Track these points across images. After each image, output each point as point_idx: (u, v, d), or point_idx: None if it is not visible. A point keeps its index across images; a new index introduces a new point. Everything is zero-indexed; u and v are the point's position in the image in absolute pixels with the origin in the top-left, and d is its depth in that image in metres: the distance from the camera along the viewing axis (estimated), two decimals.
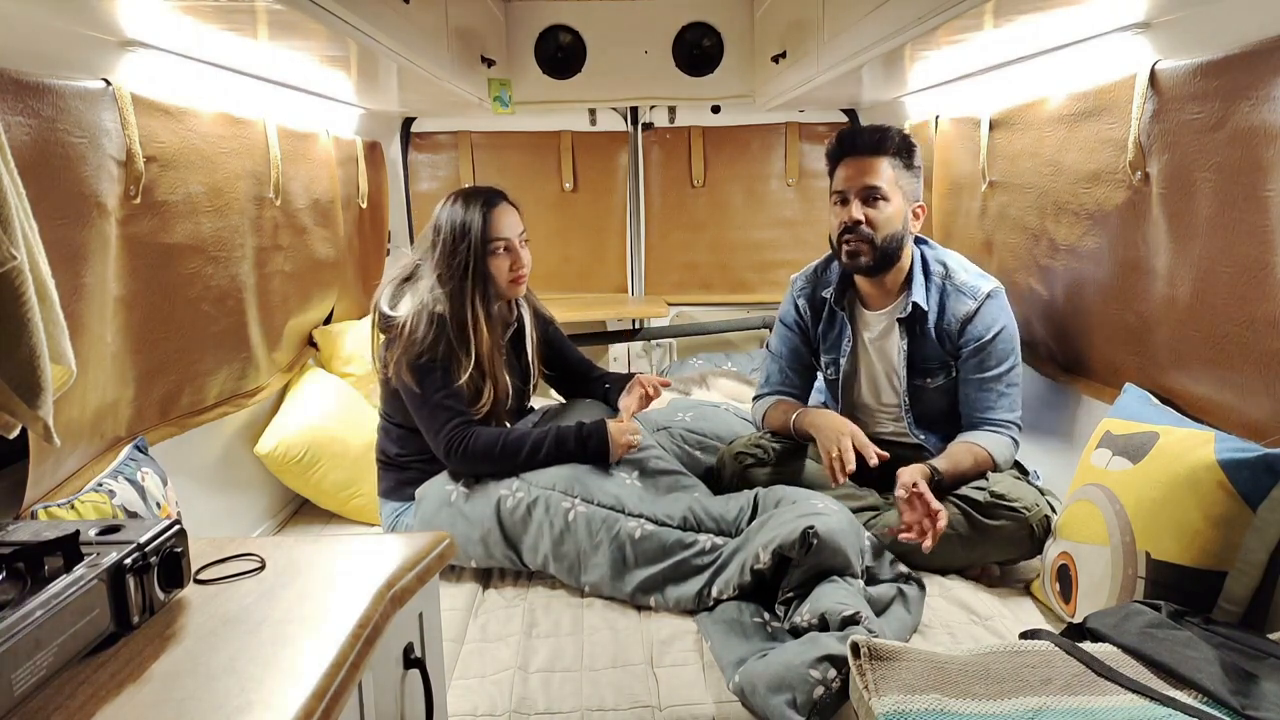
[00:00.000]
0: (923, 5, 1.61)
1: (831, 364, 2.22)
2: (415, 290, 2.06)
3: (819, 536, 1.65)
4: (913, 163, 2.04)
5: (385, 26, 1.81)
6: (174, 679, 0.84)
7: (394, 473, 2.16)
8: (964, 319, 2.03)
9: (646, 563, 1.82)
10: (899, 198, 2.01)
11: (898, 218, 2.01)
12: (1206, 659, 1.26)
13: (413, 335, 1.99)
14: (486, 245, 2.04)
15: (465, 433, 1.97)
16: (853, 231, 2.00)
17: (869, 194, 2.00)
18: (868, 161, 2.00)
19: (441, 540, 1.18)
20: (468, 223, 2.04)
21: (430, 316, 2.00)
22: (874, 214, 1.99)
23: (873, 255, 2.01)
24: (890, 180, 2.00)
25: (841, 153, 2.05)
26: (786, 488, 1.95)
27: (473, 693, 1.55)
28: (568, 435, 2.00)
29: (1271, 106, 1.36)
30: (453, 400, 2.00)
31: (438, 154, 3.66)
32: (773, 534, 1.71)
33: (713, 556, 1.80)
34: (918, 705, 1.22)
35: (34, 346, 1.06)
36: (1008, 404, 2.03)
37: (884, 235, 2.00)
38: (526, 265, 2.12)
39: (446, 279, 2.03)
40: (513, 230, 2.09)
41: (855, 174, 2.01)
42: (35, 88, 1.36)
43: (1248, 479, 1.41)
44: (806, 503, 1.79)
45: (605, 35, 3.34)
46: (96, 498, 1.48)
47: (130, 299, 1.70)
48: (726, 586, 1.75)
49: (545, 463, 1.98)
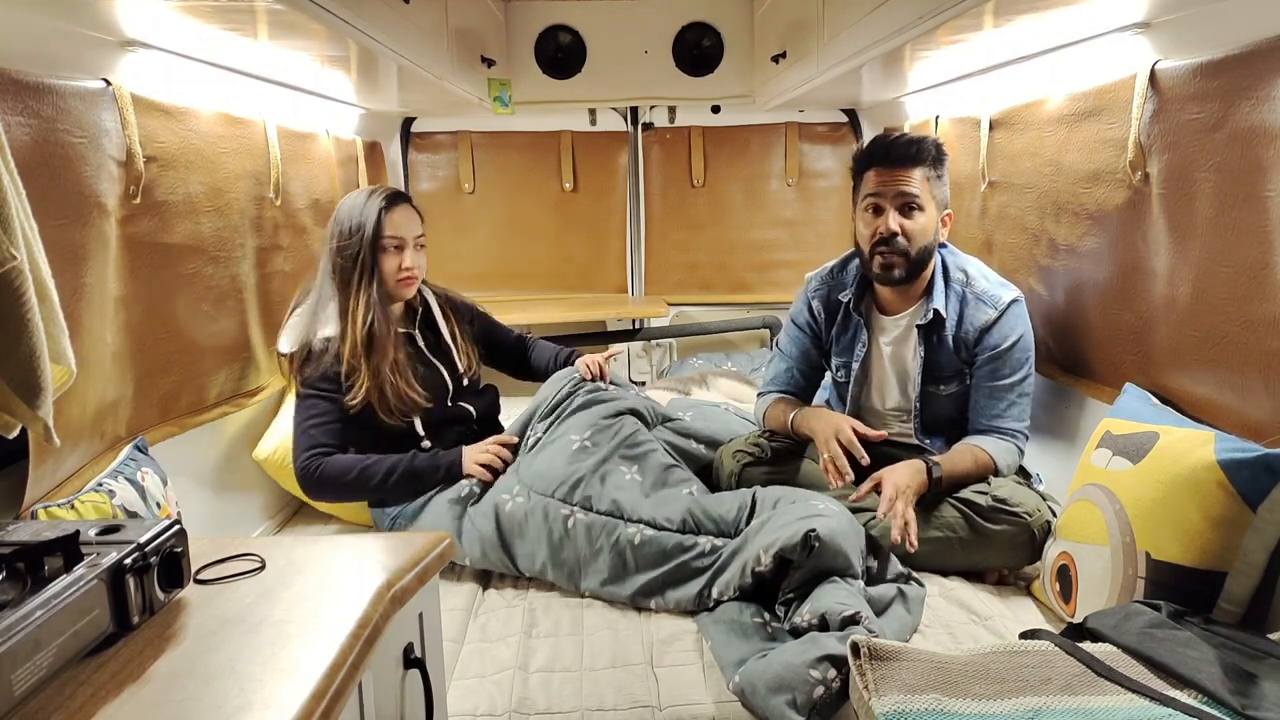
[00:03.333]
0: (923, 5, 1.61)
1: (842, 367, 2.21)
2: (301, 314, 2.14)
3: (821, 539, 1.65)
4: (944, 171, 2.02)
5: (385, 26, 1.81)
6: (174, 679, 0.84)
7: None
8: (983, 328, 2.01)
9: (647, 567, 1.82)
10: (933, 207, 1.99)
11: (931, 228, 1.99)
12: (1206, 659, 1.26)
13: (299, 369, 2.08)
14: (378, 241, 2.08)
15: (316, 462, 2.02)
16: (888, 243, 1.97)
17: (905, 203, 1.97)
18: (902, 171, 1.97)
19: (441, 540, 1.18)
20: (363, 218, 2.08)
21: (305, 347, 2.08)
22: (910, 225, 1.97)
23: (906, 268, 1.99)
24: (924, 190, 1.97)
25: (872, 160, 2.01)
26: (784, 487, 1.94)
27: (473, 693, 1.55)
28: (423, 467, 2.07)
29: (1271, 106, 1.36)
30: (317, 429, 2.05)
31: (438, 154, 3.66)
32: (774, 536, 1.70)
33: (712, 558, 1.80)
34: (918, 705, 1.22)
35: (34, 346, 1.06)
36: (1017, 412, 2.03)
37: (919, 247, 1.98)
38: (418, 267, 2.16)
39: (338, 273, 2.09)
40: (408, 231, 2.12)
41: (889, 180, 1.97)
42: (35, 88, 1.37)
43: (1248, 479, 1.41)
44: (806, 503, 1.78)
45: (605, 35, 3.33)
46: (96, 498, 1.47)
47: (130, 299, 1.70)
48: (727, 588, 1.75)
49: (397, 488, 2.04)
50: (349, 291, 2.08)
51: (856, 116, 3.62)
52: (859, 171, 2.05)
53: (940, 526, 1.89)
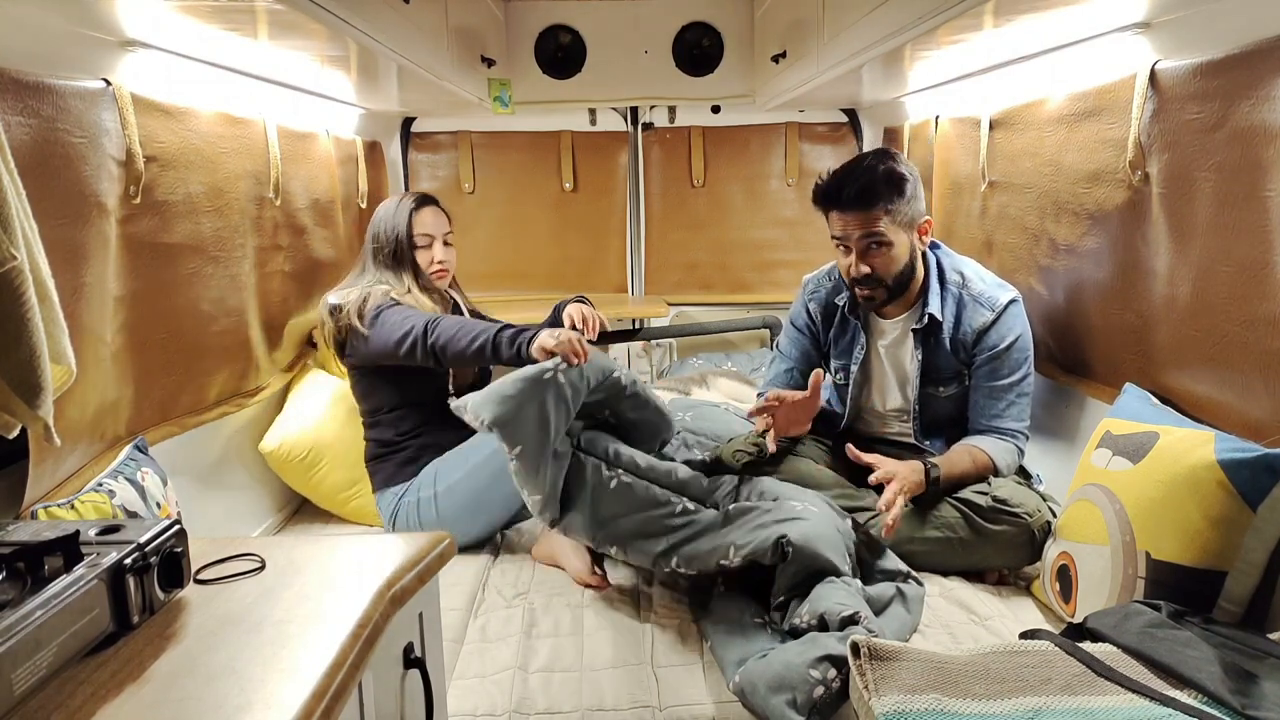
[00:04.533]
0: (923, 5, 1.61)
1: (842, 369, 2.21)
2: (356, 285, 2.26)
3: (793, 544, 1.63)
4: (906, 194, 1.94)
5: (385, 26, 1.81)
6: (174, 679, 0.84)
7: (389, 461, 2.22)
8: (980, 329, 2.01)
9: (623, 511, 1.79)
10: (901, 235, 1.96)
11: (904, 253, 1.98)
12: (1206, 659, 1.26)
13: (362, 305, 2.16)
14: (411, 238, 2.28)
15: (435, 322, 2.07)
16: (861, 283, 1.99)
17: (869, 243, 1.95)
18: (860, 214, 1.93)
19: (441, 540, 1.18)
20: (397, 220, 2.28)
21: (373, 293, 2.19)
22: (878, 262, 1.96)
23: (886, 295, 2.02)
24: (888, 225, 1.93)
25: (829, 204, 1.98)
26: (769, 480, 1.92)
27: (473, 693, 1.55)
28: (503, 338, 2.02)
29: (1271, 106, 1.36)
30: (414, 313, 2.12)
31: (438, 154, 3.66)
32: (748, 538, 1.68)
33: (683, 520, 1.77)
34: (918, 705, 1.22)
35: (34, 346, 1.06)
36: (1016, 412, 2.03)
37: (893, 274, 1.98)
38: (449, 261, 2.35)
39: (382, 267, 2.28)
40: (436, 229, 2.32)
41: (850, 223, 1.95)
42: (35, 88, 1.37)
43: (1248, 479, 1.41)
44: (785, 504, 1.76)
45: (605, 35, 3.33)
46: (96, 498, 1.47)
47: (130, 299, 1.70)
48: (688, 565, 1.73)
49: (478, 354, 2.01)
50: (397, 282, 2.25)
51: (856, 116, 3.62)
52: (821, 210, 2.01)
53: (940, 526, 1.89)
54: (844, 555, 1.70)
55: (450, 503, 2.11)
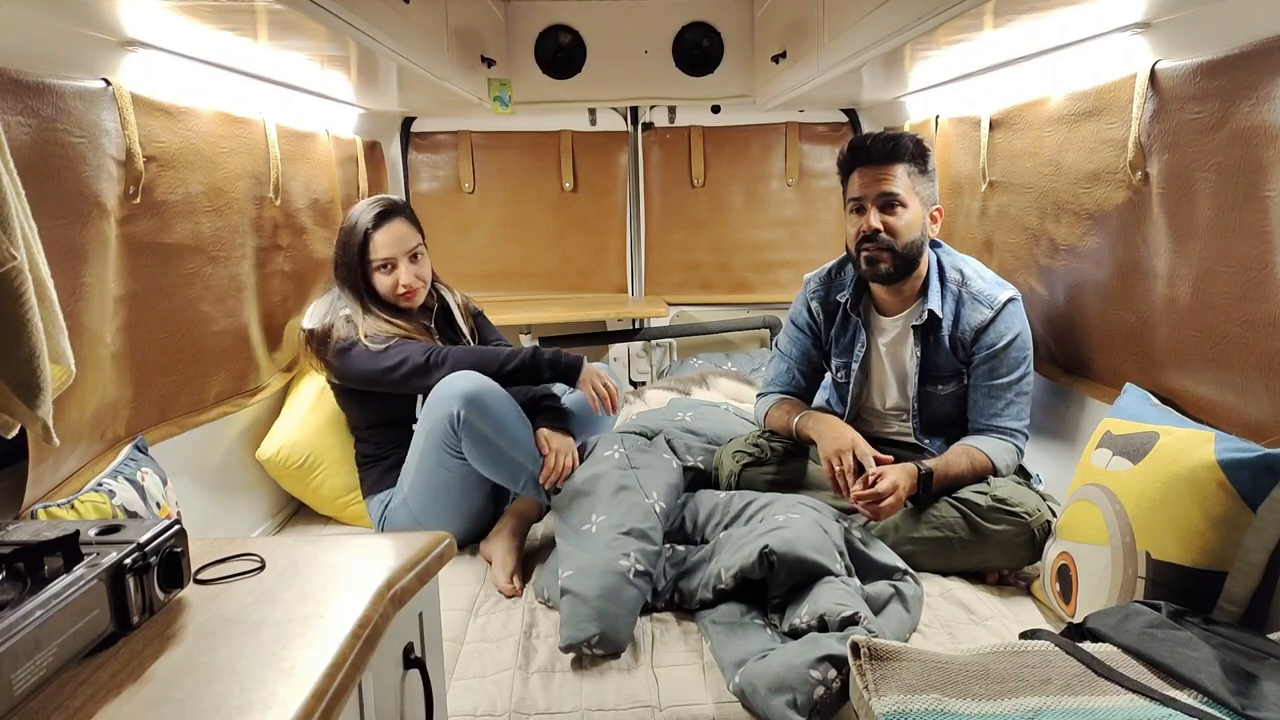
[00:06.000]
0: (923, 5, 1.61)
1: (842, 367, 2.21)
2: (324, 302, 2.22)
3: (777, 553, 1.65)
4: (927, 167, 2.02)
5: (385, 26, 1.81)
6: (174, 679, 0.83)
7: (375, 468, 2.24)
8: (979, 328, 2.01)
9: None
10: (916, 203, 1.99)
11: (916, 224, 1.99)
12: (1206, 659, 1.26)
13: (326, 336, 2.13)
14: (366, 265, 2.16)
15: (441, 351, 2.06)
16: (872, 240, 1.98)
17: (886, 201, 1.98)
18: (882, 169, 1.98)
19: (441, 540, 1.18)
20: (352, 241, 2.16)
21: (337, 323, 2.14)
22: (893, 221, 1.98)
23: (893, 262, 1.99)
24: (906, 186, 1.98)
25: (854, 161, 2.02)
26: (750, 493, 1.97)
27: (473, 693, 1.55)
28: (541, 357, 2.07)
29: (1271, 106, 1.36)
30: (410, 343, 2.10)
31: (438, 154, 3.66)
32: (734, 557, 1.72)
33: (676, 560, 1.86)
34: (918, 705, 1.22)
35: (33, 346, 1.06)
36: (1015, 411, 2.03)
37: (904, 242, 1.98)
38: (418, 278, 2.19)
39: (344, 285, 2.19)
40: (398, 248, 2.15)
41: (871, 181, 1.99)
42: (35, 88, 1.36)
43: (1248, 479, 1.41)
44: (769, 519, 1.79)
45: (605, 35, 3.33)
46: (96, 498, 1.47)
47: (130, 299, 1.70)
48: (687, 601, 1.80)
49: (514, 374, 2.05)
50: (358, 307, 2.18)
51: (857, 116, 3.62)
52: (844, 176, 2.06)
53: (940, 526, 1.89)
54: (833, 554, 1.70)
55: (417, 502, 2.11)
